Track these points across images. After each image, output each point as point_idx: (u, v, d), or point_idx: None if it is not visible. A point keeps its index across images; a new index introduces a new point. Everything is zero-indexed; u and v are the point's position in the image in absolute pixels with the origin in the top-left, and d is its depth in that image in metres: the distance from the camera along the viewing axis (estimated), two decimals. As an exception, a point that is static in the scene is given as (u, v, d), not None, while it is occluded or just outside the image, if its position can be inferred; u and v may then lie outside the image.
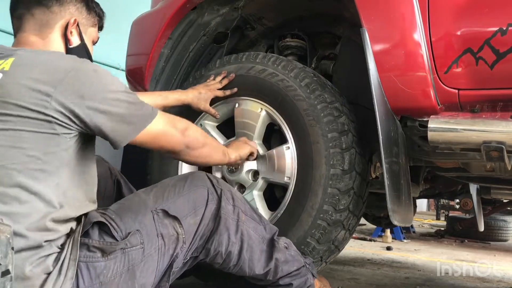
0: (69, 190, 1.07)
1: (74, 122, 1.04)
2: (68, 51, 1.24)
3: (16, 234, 0.96)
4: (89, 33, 1.32)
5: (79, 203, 1.11)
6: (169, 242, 1.18)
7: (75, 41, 1.26)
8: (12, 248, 0.82)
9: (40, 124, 1.01)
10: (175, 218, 1.19)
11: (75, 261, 1.04)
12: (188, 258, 1.27)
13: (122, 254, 1.09)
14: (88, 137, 1.12)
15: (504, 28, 1.33)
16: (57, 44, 1.23)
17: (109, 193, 1.53)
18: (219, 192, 1.29)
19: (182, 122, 1.28)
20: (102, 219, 1.10)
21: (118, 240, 1.09)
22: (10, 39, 1.27)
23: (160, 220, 1.18)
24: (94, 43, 1.36)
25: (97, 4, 1.36)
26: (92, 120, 1.06)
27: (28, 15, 1.21)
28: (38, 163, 1.01)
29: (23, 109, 1.00)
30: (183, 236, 1.21)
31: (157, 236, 1.16)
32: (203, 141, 1.34)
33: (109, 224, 1.10)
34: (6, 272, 0.80)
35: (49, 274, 1.01)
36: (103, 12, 1.38)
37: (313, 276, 1.43)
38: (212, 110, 1.73)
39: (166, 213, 1.19)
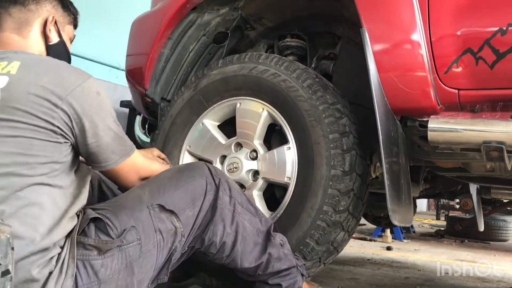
0: (72, 191, 1.12)
1: (72, 133, 1.09)
2: (48, 48, 1.27)
3: (25, 238, 0.99)
4: (66, 31, 1.34)
5: (79, 203, 1.14)
6: (167, 237, 1.18)
7: (54, 38, 1.28)
8: (12, 248, 0.82)
9: (48, 134, 1.05)
10: (172, 212, 1.19)
11: (74, 259, 1.04)
12: (186, 248, 1.27)
13: (119, 252, 1.09)
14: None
15: (504, 28, 1.33)
16: (37, 42, 1.25)
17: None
18: (217, 182, 1.29)
19: (150, 168, 1.31)
20: (98, 216, 1.11)
21: (113, 238, 1.09)
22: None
23: (156, 215, 1.18)
24: (71, 41, 1.38)
25: (71, 3, 1.38)
26: (84, 138, 1.10)
27: (5, 15, 1.22)
28: (47, 168, 1.05)
29: (32, 117, 1.03)
30: (182, 229, 1.21)
31: (154, 232, 1.16)
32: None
33: (104, 221, 1.10)
34: (6, 272, 0.80)
35: (51, 273, 1.02)
36: (76, 11, 1.40)
37: (303, 276, 1.41)
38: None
39: (162, 207, 1.19)
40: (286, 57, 1.88)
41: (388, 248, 3.98)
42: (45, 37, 1.26)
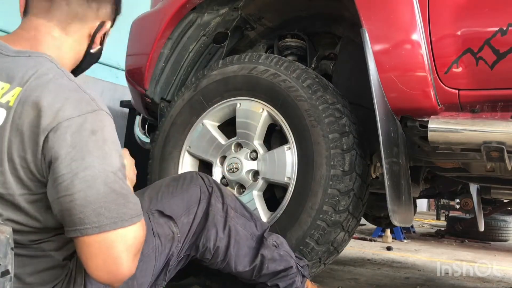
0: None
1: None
2: (87, 55, 1.09)
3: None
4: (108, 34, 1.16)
5: None
6: (165, 242, 1.20)
7: (97, 45, 1.10)
8: (12, 248, 0.82)
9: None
10: (170, 218, 1.22)
11: (82, 268, 1.01)
12: (182, 256, 1.29)
13: None
14: None
15: (504, 28, 1.33)
16: (79, 44, 1.06)
17: None
18: (210, 190, 1.32)
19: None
20: None
21: None
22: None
23: (155, 220, 1.20)
24: None
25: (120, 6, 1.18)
26: (55, 189, 0.86)
27: (62, 2, 1.02)
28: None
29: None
30: (178, 235, 1.23)
31: (153, 236, 1.18)
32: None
33: None
34: (6, 272, 0.80)
35: (58, 282, 1.00)
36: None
37: (303, 276, 1.41)
38: None
39: (161, 213, 1.22)
40: (286, 57, 1.88)
41: (388, 248, 3.97)
42: (91, 42, 1.08)
